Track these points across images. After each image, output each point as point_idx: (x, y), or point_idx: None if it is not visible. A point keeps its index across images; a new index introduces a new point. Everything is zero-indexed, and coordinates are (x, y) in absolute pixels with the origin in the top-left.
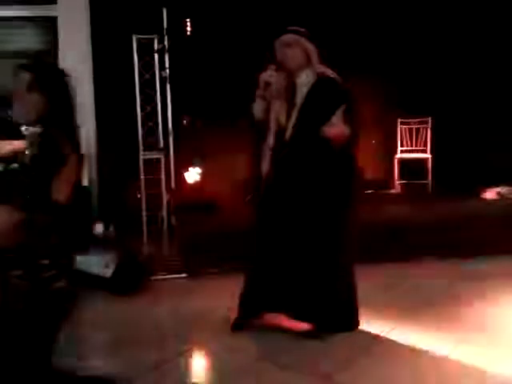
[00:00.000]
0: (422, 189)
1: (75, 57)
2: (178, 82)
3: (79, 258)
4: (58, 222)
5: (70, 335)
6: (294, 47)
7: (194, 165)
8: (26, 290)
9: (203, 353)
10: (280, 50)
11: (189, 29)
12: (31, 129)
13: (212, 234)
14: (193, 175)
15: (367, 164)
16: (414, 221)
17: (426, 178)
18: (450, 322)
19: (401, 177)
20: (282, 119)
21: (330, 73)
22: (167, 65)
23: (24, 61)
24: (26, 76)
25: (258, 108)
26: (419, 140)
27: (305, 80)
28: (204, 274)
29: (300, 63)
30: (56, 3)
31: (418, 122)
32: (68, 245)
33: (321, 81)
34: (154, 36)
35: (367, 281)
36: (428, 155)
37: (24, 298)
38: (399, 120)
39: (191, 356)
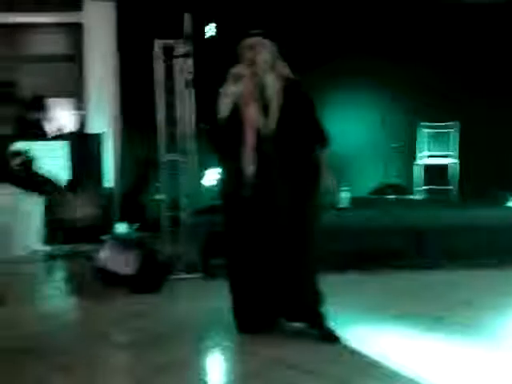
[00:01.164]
0: (445, 195)
1: (100, 61)
2: (199, 85)
3: (102, 257)
4: None
5: (89, 331)
6: (260, 49)
7: (212, 167)
8: None
9: (219, 353)
10: (246, 52)
11: (211, 33)
12: None
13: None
14: (210, 178)
15: (387, 168)
16: (436, 227)
17: (451, 184)
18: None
19: (423, 182)
20: (259, 119)
21: (290, 74)
22: (189, 69)
23: (53, 65)
24: None
25: (225, 104)
26: (444, 145)
27: (273, 81)
28: (221, 274)
29: (265, 64)
30: (82, 10)
31: (443, 126)
32: None
33: (288, 82)
34: (177, 40)
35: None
36: (453, 160)
37: None
38: (422, 124)
39: (207, 356)
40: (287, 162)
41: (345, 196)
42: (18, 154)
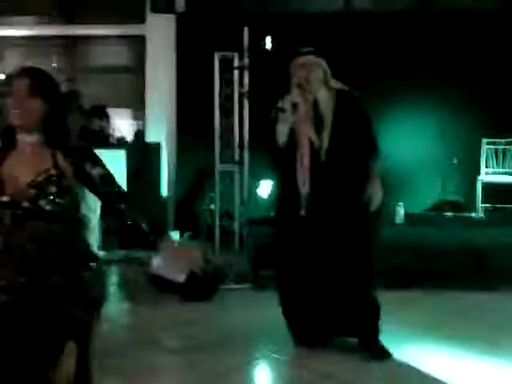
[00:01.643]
0: (508, 214)
1: (161, 72)
2: (255, 97)
3: (156, 263)
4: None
5: (141, 336)
6: (313, 68)
7: (266, 178)
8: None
9: (268, 365)
10: (298, 71)
11: (268, 46)
12: None
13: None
14: (265, 188)
15: (446, 185)
16: (495, 247)
17: None
18: None
19: (484, 200)
20: (315, 140)
21: (344, 87)
22: (246, 81)
23: (115, 76)
24: (26, 81)
25: (282, 131)
26: (506, 162)
27: (326, 96)
28: (272, 286)
29: (320, 82)
30: (145, 23)
31: (507, 142)
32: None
33: (341, 94)
34: (235, 53)
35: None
36: None
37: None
38: (485, 140)
39: (256, 366)
40: (342, 176)
41: (400, 212)
42: None
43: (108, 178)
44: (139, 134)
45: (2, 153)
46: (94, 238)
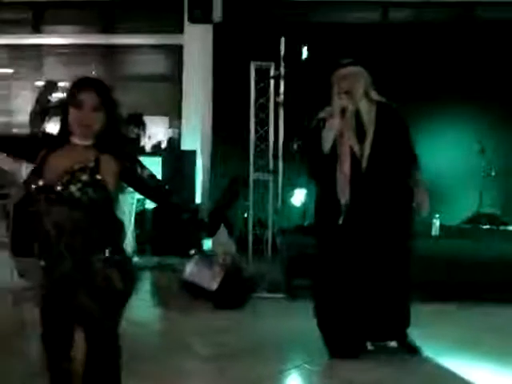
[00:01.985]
0: None
1: (197, 81)
2: (291, 107)
3: (189, 270)
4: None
5: (172, 342)
6: (357, 78)
7: (299, 187)
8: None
9: (300, 375)
10: (341, 82)
11: (304, 56)
12: None
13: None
14: (298, 197)
15: (483, 198)
16: None
17: None
18: None
19: None
20: (356, 148)
21: (382, 99)
22: (281, 90)
23: (152, 84)
24: (93, 96)
25: (328, 137)
26: None
27: (367, 107)
28: (304, 296)
29: (362, 93)
30: (182, 33)
31: None
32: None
33: (382, 107)
34: (271, 63)
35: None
36: None
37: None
38: None
39: (288, 377)
40: (382, 185)
41: (436, 224)
42: None
43: (155, 177)
44: (175, 142)
45: (50, 149)
46: (127, 243)
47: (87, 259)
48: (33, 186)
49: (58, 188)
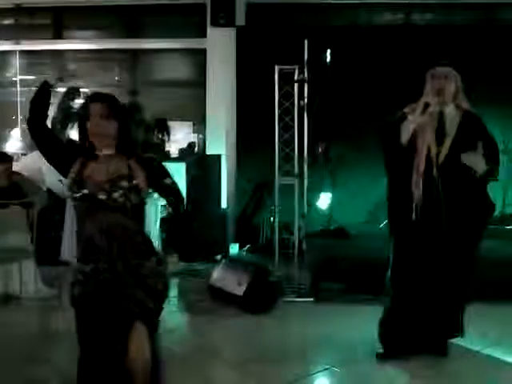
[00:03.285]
0: None
1: (221, 86)
2: (315, 111)
3: (216, 276)
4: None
5: (200, 347)
6: (449, 80)
7: (325, 191)
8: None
9: (329, 378)
10: (434, 80)
11: (328, 59)
12: None
13: (342, 260)
14: (324, 201)
15: (507, 198)
16: None
17: None
18: None
19: None
20: (433, 147)
21: (471, 108)
22: (306, 94)
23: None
24: (103, 107)
25: (407, 129)
26: None
27: (453, 112)
28: (331, 300)
29: (451, 95)
30: (206, 37)
31: None
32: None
33: (468, 116)
34: (295, 67)
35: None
36: None
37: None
38: None
39: (317, 380)
40: (455, 189)
41: None
42: None
43: (173, 185)
44: (199, 147)
45: (85, 160)
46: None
47: (137, 262)
48: (76, 195)
49: (101, 196)
